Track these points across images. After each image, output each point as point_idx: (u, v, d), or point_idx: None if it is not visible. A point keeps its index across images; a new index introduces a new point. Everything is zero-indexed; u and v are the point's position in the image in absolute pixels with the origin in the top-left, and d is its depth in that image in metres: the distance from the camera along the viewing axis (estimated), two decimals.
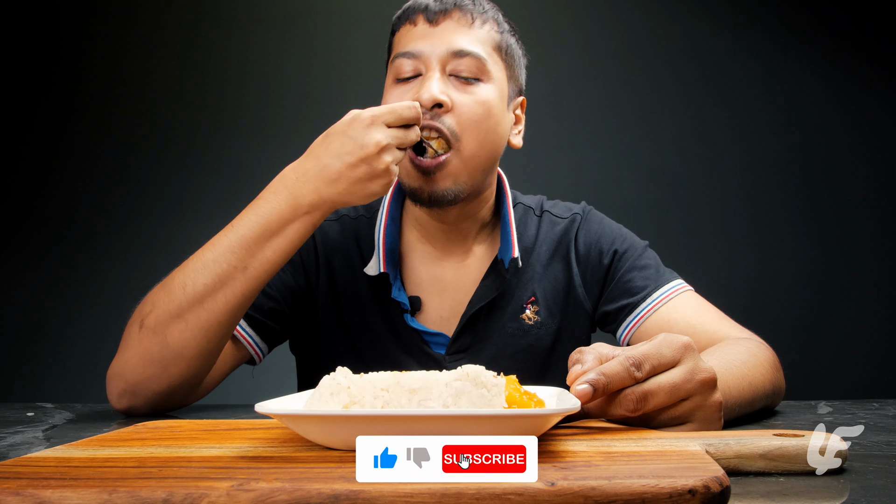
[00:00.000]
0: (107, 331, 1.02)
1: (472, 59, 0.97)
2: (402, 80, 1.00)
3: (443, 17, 0.98)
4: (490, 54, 1.00)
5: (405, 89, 0.99)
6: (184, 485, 0.43)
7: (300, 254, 1.08)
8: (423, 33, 0.98)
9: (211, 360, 0.91)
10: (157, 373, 0.87)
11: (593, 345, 0.63)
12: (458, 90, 0.97)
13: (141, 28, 2.63)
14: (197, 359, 0.88)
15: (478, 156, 0.99)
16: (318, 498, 0.42)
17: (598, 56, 2.62)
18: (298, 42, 2.62)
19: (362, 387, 0.54)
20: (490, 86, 0.99)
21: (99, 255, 2.57)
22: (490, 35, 1.01)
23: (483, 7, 1.01)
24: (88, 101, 2.61)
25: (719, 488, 0.42)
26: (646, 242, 1.12)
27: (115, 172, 2.59)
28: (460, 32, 0.98)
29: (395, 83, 1.00)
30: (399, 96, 0.98)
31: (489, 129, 0.99)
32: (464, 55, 0.97)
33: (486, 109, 0.98)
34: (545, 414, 0.50)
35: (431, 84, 0.95)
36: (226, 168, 2.59)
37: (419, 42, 0.98)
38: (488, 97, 0.98)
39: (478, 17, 1.00)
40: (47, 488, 0.43)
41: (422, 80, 0.97)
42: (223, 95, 2.61)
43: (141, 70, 2.62)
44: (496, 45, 1.01)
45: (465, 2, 1.00)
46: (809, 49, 2.60)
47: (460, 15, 0.99)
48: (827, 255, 2.57)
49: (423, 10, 0.99)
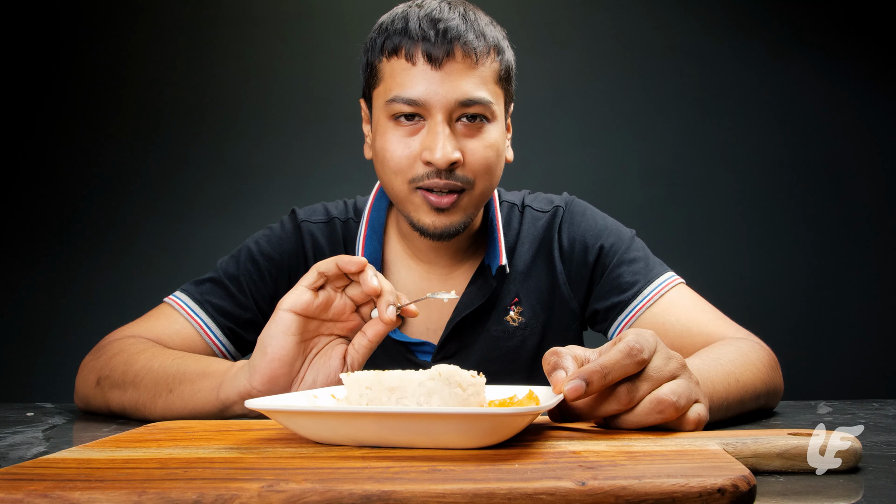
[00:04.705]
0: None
1: (480, 106, 0.94)
2: (399, 117, 0.95)
3: (446, 60, 0.92)
4: (494, 91, 0.97)
5: (408, 136, 0.95)
6: (213, 486, 0.43)
7: (283, 257, 1.06)
8: (424, 76, 0.93)
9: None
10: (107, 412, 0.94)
11: (566, 347, 0.63)
12: (465, 136, 0.95)
13: (140, 28, 2.60)
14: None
15: (487, 191, 0.99)
16: (350, 498, 0.42)
17: (598, 56, 2.63)
18: (298, 42, 2.60)
19: (349, 385, 0.59)
20: (495, 124, 0.97)
21: (99, 256, 2.54)
22: (492, 69, 0.96)
23: (482, 35, 0.95)
24: (88, 102, 2.57)
25: (747, 487, 0.43)
26: (632, 232, 1.09)
27: (115, 173, 2.56)
28: (465, 76, 0.93)
29: (394, 126, 0.96)
30: (404, 143, 0.95)
31: (497, 166, 0.99)
32: (471, 104, 0.94)
33: (494, 151, 0.97)
34: (512, 413, 0.51)
35: (443, 143, 0.92)
36: (226, 168, 2.57)
37: (421, 86, 0.93)
38: (495, 138, 0.97)
39: (480, 53, 0.94)
40: (75, 490, 0.42)
41: (428, 134, 0.94)
42: (223, 95, 2.59)
43: (140, 70, 2.59)
44: (497, 77, 0.97)
45: (468, 35, 0.93)
46: (809, 49, 2.63)
47: (463, 54, 0.93)
48: (827, 254, 2.59)
49: (421, 45, 0.93)
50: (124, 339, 0.96)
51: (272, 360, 0.76)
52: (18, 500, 0.42)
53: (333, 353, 0.80)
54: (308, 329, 0.78)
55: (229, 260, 1.06)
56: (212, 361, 0.87)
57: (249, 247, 1.07)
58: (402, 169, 0.95)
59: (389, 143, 0.96)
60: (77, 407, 0.99)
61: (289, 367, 0.77)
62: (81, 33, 2.59)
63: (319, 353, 0.80)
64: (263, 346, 0.77)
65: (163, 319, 1.00)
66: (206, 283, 1.03)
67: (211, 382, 0.82)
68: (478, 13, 0.98)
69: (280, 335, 0.76)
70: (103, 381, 0.91)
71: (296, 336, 0.77)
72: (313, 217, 1.10)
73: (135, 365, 0.90)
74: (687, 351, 0.94)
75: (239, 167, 2.57)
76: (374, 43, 0.98)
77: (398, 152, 0.95)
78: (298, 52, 2.60)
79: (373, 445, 0.54)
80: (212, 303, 1.01)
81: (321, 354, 0.80)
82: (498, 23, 1.02)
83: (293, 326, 0.76)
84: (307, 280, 0.77)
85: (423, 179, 0.95)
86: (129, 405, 0.89)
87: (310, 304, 0.77)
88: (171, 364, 0.88)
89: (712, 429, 0.66)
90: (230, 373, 0.80)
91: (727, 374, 0.78)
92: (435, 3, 0.96)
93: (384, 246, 1.09)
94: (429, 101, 0.93)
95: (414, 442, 0.52)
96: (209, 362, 0.87)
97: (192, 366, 0.86)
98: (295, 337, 0.77)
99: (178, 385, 0.84)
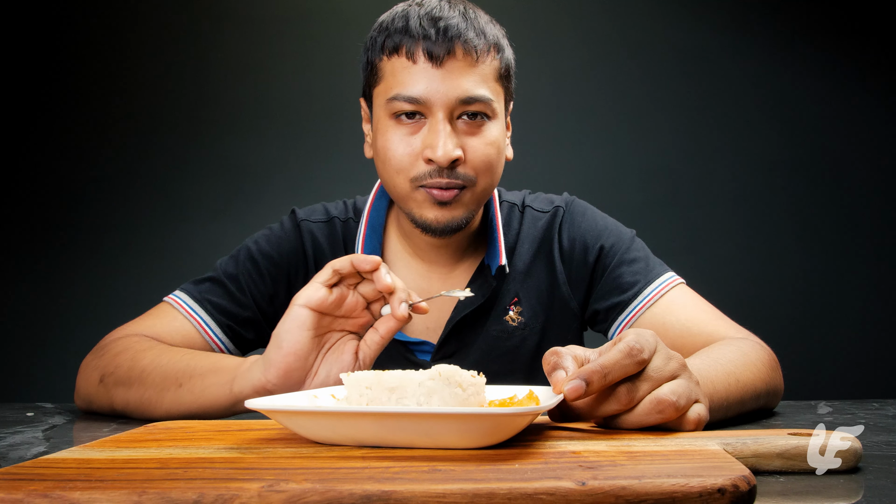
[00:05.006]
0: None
1: (480, 103, 0.95)
2: (401, 116, 0.95)
3: (447, 58, 0.93)
4: (494, 89, 0.97)
5: (410, 135, 0.95)
6: (213, 486, 0.43)
7: (282, 257, 1.06)
8: (425, 74, 0.93)
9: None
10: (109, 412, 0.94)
11: (566, 347, 0.63)
12: (466, 134, 0.95)
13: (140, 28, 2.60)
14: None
15: (488, 188, 0.99)
16: (351, 498, 0.42)
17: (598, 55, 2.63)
18: (298, 42, 2.60)
19: (349, 385, 0.60)
20: (495, 122, 0.98)
21: (99, 255, 2.54)
22: (492, 67, 0.97)
23: (482, 33, 0.95)
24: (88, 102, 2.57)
25: (747, 487, 0.43)
26: (633, 232, 1.09)
27: (115, 173, 2.56)
28: (466, 74, 0.94)
29: (395, 124, 0.96)
30: (405, 141, 0.95)
31: (498, 163, 0.99)
32: (472, 101, 0.94)
33: (495, 148, 0.98)
34: (512, 413, 0.51)
35: (444, 141, 0.93)
36: (226, 168, 2.57)
37: (422, 84, 0.93)
38: (496, 136, 0.98)
39: (481, 51, 0.95)
40: (75, 490, 0.42)
41: (429, 132, 0.94)
42: (223, 95, 2.59)
43: (140, 70, 2.59)
44: (498, 74, 0.98)
45: (468, 33, 0.94)
46: (809, 49, 2.62)
47: (464, 52, 0.93)
48: (827, 254, 2.59)
49: (422, 44, 0.93)
50: (127, 338, 0.96)
51: (287, 353, 0.77)
52: (18, 500, 0.42)
53: (346, 349, 0.81)
54: (322, 325, 0.79)
55: (228, 260, 1.06)
56: (222, 357, 0.88)
57: (249, 246, 1.07)
58: (403, 167, 0.96)
59: (391, 141, 0.96)
60: (78, 407, 0.99)
61: (303, 360, 0.78)
62: (81, 33, 2.59)
63: (332, 349, 0.81)
64: (279, 341, 0.78)
65: (162, 318, 1.00)
66: (205, 283, 1.04)
67: (223, 377, 0.82)
68: (477, 11, 0.98)
69: (296, 330, 0.77)
70: (107, 379, 0.91)
71: (311, 331, 0.78)
72: (313, 217, 1.10)
73: (141, 361, 0.90)
74: (687, 351, 0.94)
75: (239, 167, 2.57)
76: (375, 42, 0.98)
77: (399, 150, 0.95)
78: (298, 52, 2.60)
79: (373, 445, 0.54)
80: (211, 301, 1.01)
81: (334, 349, 0.81)
82: (497, 21, 1.01)
83: (308, 321, 0.78)
84: (322, 277, 0.79)
85: (426, 178, 0.95)
86: (133, 402, 0.88)
87: (324, 300, 0.78)
88: (180, 360, 0.88)
89: (712, 429, 0.66)
90: (243, 367, 0.81)
91: (727, 374, 0.78)
92: (435, 1, 0.97)
93: (384, 245, 1.09)
94: (430, 99, 0.93)
95: (414, 442, 0.53)
96: (219, 358, 0.87)
97: (202, 361, 0.87)
98: (310, 332, 0.78)
99: (188, 380, 0.85)
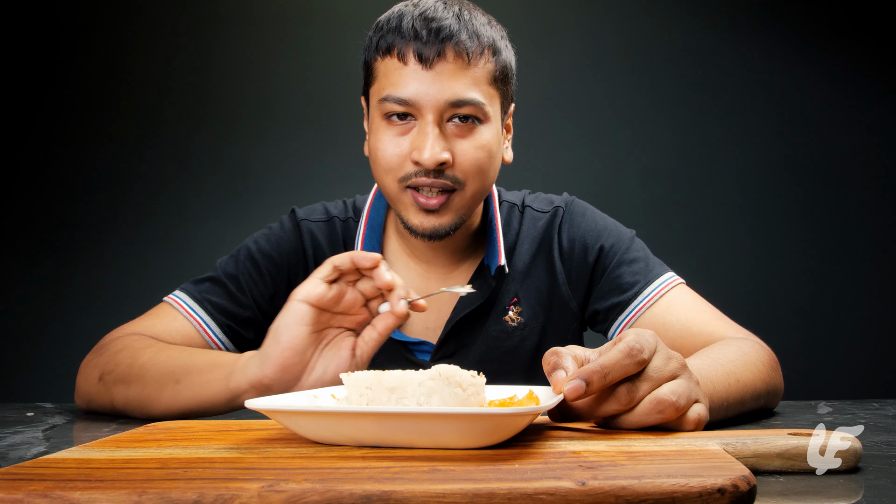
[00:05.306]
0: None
1: (471, 107, 0.94)
2: (392, 116, 0.95)
3: (437, 60, 0.92)
4: (487, 92, 0.95)
5: (400, 136, 0.95)
6: (213, 486, 0.43)
7: (282, 256, 1.06)
8: (415, 76, 0.92)
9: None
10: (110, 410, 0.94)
11: (566, 347, 0.63)
12: (456, 136, 0.95)
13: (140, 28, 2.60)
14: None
15: (479, 192, 0.99)
16: (351, 498, 0.42)
17: (598, 55, 2.63)
18: (298, 42, 2.60)
19: (349, 385, 0.60)
20: (488, 125, 0.97)
21: (98, 255, 2.54)
22: (486, 69, 0.95)
23: (476, 35, 0.94)
24: (88, 101, 2.57)
25: (747, 487, 0.43)
26: (632, 232, 1.09)
27: (115, 172, 2.56)
28: (457, 77, 0.93)
29: (386, 125, 0.96)
30: (395, 142, 0.95)
31: (490, 167, 0.98)
32: (462, 105, 0.93)
33: (486, 152, 0.96)
34: (512, 413, 0.51)
35: (432, 144, 0.92)
36: (226, 168, 2.57)
37: (412, 86, 0.92)
38: (488, 139, 0.96)
39: (473, 53, 0.93)
40: (74, 490, 0.42)
41: (418, 134, 0.94)
42: (222, 95, 2.59)
43: (140, 70, 2.59)
44: (492, 78, 0.96)
45: (461, 35, 0.92)
46: (809, 49, 2.62)
47: (455, 55, 0.92)
48: (827, 254, 2.59)
49: (413, 45, 0.92)
50: (127, 337, 0.96)
51: (285, 348, 0.77)
52: (18, 500, 0.42)
53: (343, 345, 0.81)
54: (320, 320, 0.79)
55: (228, 259, 1.06)
56: (220, 354, 0.88)
57: (249, 246, 1.07)
58: (392, 168, 0.96)
59: (381, 141, 0.96)
60: (77, 407, 0.99)
61: (301, 356, 0.78)
62: (81, 33, 2.59)
63: (329, 345, 0.81)
64: (277, 335, 0.78)
65: (162, 317, 1.00)
66: (205, 283, 1.04)
67: (220, 373, 0.82)
68: (474, 12, 0.97)
69: (294, 325, 0.77)
70: (107, 377, 0.91)
71: (309, 326, 0.78)
72: (313, 216, 1.10)
73: (140, 359, 0.90)
74: (687, 351, 0.94)
75: (238, 167, 2.57)
76: (371, 41, 0.98)
77: (389, 151, 0.96)
78: (298, 52, 2.60)
79: (373, 445, 0.54)
80: (211, 301, 1.01)
81: (331, 346, 0.81)
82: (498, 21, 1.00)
83: (307, 317, 0.77)
84: (322, 272, 0.78)
85: (412, 178, 0.95)
86: (133, 400, 0.88)
87: (323, 295, 0.78)
88: (178, 356, 0.88)
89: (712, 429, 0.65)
90: (240, 362, 0.81)
91: (727, 374, 0.78)
92: (431, 1, 0.96)
93: (383, 245, 1.09)
94: (419, 102, 0.93)
95: (414, 442, 0.53)
96: (218, 354, 0.87)
97: (200, 358, 0.87)
98: (308, 327, 0.77)
99: (185, 376, 0.85)
